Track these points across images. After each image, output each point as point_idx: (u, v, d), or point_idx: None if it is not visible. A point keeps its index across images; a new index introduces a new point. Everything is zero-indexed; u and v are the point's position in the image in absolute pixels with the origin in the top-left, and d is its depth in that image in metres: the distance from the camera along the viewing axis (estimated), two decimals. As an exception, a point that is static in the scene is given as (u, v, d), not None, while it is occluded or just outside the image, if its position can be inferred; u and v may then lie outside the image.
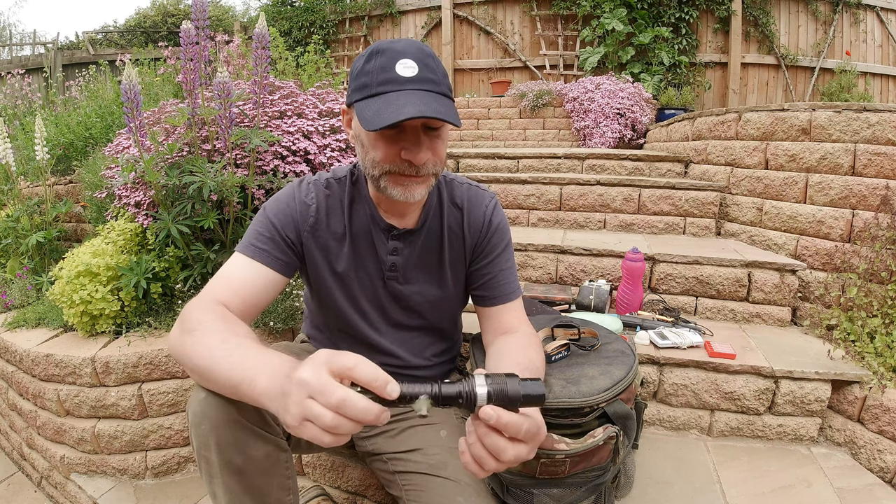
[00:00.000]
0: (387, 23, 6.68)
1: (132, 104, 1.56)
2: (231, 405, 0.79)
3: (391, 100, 0.81)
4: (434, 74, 0.85)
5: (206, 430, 0.79)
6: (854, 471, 1.39)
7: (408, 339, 1.09)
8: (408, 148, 0.85)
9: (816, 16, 5.71)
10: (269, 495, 0.86)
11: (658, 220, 2.43)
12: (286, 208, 0.98)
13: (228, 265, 0.93)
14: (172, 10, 8.78)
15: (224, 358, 0.72)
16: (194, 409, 0.80)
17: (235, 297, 0.88)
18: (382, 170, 0.88)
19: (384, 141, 0.86)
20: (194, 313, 0.81)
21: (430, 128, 0.87)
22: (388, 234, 1.01)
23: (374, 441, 1.07)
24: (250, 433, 0.81)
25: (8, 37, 9.55)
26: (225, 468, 0.81)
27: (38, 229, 2.32)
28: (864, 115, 1.91)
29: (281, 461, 0.87)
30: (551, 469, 0.95)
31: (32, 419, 1.75)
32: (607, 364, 1.07)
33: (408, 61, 0.84)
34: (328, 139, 1.99)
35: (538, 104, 4.85)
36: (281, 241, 0.96)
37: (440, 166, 0.92)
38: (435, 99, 0.83)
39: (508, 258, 1.08)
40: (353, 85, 0.89)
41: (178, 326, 0.82)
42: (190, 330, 0.78)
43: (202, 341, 0.76)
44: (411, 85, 0.83)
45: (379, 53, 0.85)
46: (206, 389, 0.80)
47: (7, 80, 4.61)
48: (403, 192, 0.89)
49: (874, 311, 1.65)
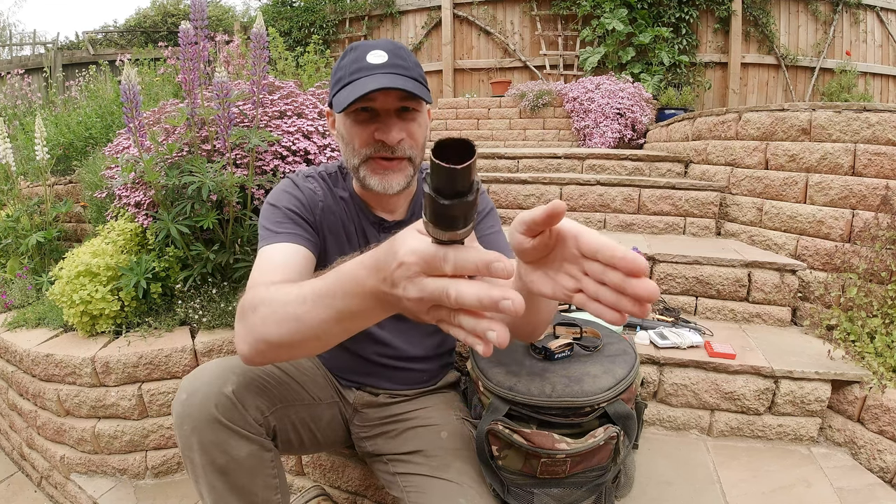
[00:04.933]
0: (387, 23, 6.68)
1: (131, 104, 1.56)
2: (211, 405, 0.80)
3: (360, 83, 0.84)
4: (404, 62, 0.87)
5: (189, 432, 0.80)
6: (854, 471, 1.39)
7: (405, 330, 1.10)
8: (380, 128, 0.87)
9: (816, 16, 5.71)
10: (256, 495, 0.87)
11: (658, 220, 2.43)
12: (295, 195, 0.97)
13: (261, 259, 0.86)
14: (172, 10, 8.77)
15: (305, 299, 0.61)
16: (177, 411, 0.81)
17: (285, 274, 0.81)
18: (360, 157, 0.90)
19: (358, 125, 0.88)
20: (250, 300, 0.70)
21: (404, 109, 0.88)
22: (378, 227, 1.03)
23: (375, 442, 1.07)
24: (232, 433, 0.82)
25: (8, 37, 9.55)
26: (209, 468, 0.82)
27: (38, 229, 2.32)
28: (864, 115, 1.91)
29: (265, 460, 0.87)
30: (552, 469, 0.95)
31: (32, 419, 1.75)
32: (610, 363, 1.07)
33: (378, 52, 0.87)
34: (328, 139, 1.99)
35: (538, 104, 4.85)
36: (303, 221, 0.95)
37: (417, 151, 0.93)
38: (403, 79, 0.85)
39: (493, 223, 1.05)
40: (331, 84, 0.92)
41: (239, 321, 0.71)
42: (252, 308, 0.68)
43: (271, 307, 0.65)
44: (380, 69, 0.85)
45: (352, 50, 0.89)
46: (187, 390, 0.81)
47: (7, 80, 4.61)
48: (381, 181, 0.90)
49: (874, 311, 1.65)
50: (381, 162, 0.90)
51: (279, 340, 0.65)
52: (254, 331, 0.66)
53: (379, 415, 1.10)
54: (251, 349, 0.67)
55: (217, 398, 0.80)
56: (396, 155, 0.90)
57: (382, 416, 1.09)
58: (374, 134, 0.88)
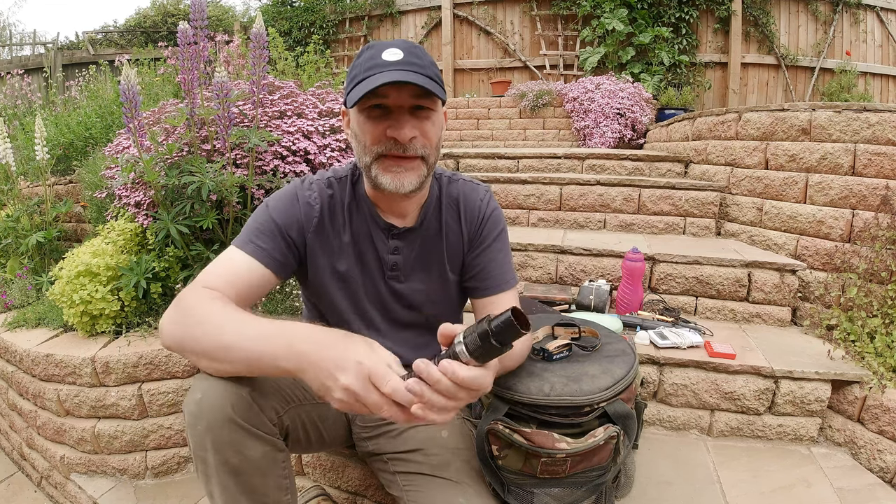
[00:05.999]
0: (387, 23, 6.68)
1: (131, 105, 1.56)
2: (227, 405, 0.79)
3: (374, 79, 0.84)
4: (420, 60, 0.87)
5: (203, 431, 0.79)
6: (854, 471, 1.39)
7: (409, 338, 1.09)
8: (393, 125, 0.87)
9: (816, 16, 5.71)
10: (267, 495, 0.86)
11: (658, 220, 2.43)
12: (290, 209, 0.97)
13: (226, 258, 0.92)
14: (172, 9, 8.78)
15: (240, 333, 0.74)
16: (190, 410, 0.80)
17: (230, 289, 0.86)
18: (372, 154, 0.89)
19: (371, 121, 0.88)
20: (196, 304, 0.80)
21: (418, 107, 0.88)
22: (388, 233, 1.01)
23: (375, 441, 1.07)
24: (247, 433, 0.81)
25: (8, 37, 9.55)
26: (221, 468, 0.81)
27: (38, 229, 2.32)
28: (864, 115, 1.91)
29: (278, 461, 0.87)
30: (552, 468, 0.95)
31: (32, 419, 1.75)
32: (608, 363, 1.07)
33: (394, 49, 0.86)
34: (328, 139, 1.99)
35: (538, 104, 4.85)
36: (282, 240, 0.95)
37: (431, 150, 0.91)
38: (416, 76, 0.84)
39: (502, 247, 1.06)
40: (347, 81, 0.91)
41: (176, 315, 0.81)
42: (198, 322, 0.78)
43: (212, 322, 0.76)
44: (395, 66, 0.85)
45: (368, 48, 0.89)
46: (202, 389, 0.80)
47: (7, 80, 4.61)
48: (393, 180, 0.89)
49: (874, 311, 1.65)
50: (394, 159, 0.89)
51: (202, 351, 0.77)
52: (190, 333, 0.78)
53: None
54: (175, 340, 0.80)
55: (233, 398, 0.80)
56: (409, 153, 0.88)
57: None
58: (387, 131, 0.87)
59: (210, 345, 0.76)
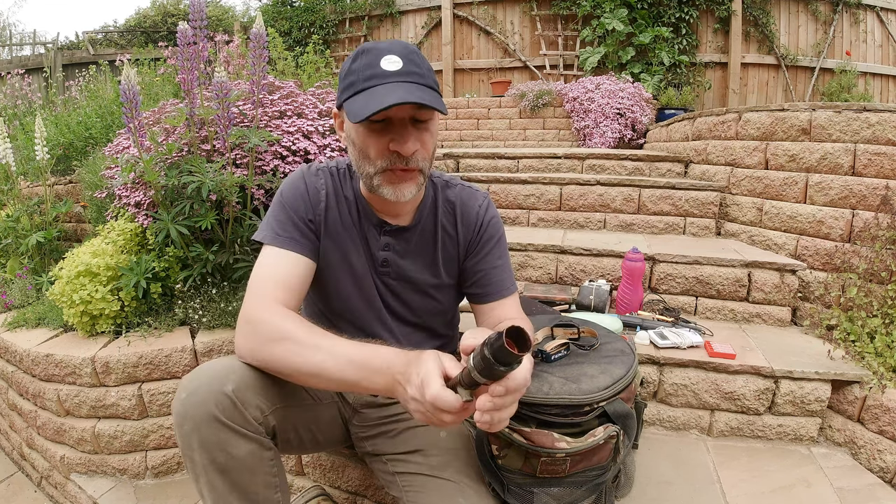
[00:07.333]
0: (387, 23, 6.68)
1: (131, 105, 1.56)
2: (211, 405, 0.80)
3: (376, 92, 0.83)
4: (419, 68, 0.87)
5: (189, 430, 0.80)
6: (854, 471, 1.39)
7: (407, 334, 1.10)
8: (395, 139, 0.87)
9: (816, 16, 5.71)
10: (256, 493, 0.87)
11: (658, 220, 2.43)
12: (299, 192, 0.99)
13: (267, 261, 0.94)
14: (172, 9, 8.78)
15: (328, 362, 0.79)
16: (177, 410, 0.82)
17: (289, 293, 0.91)
18: (377, 168, 0.89)
19: (373, 135, 0.88)
20: (271, 321, 0.84)
21: (417, 120, 0.88)
22: (379, 229, 1.03)
23: (375, 442, 1.07)
24: (232, 432, 0.82)
25: (8, 37, 9.54)
26: (209, 467, 0.82)
27: (38, 229, 2.32)
28: (864, 115, 1.91)
29: (265, 459, 0.88)
30: (552, 468, 0.95)
31: (32, 419, 1.75)
32: (607, 363, 1.07)
33: (392, 57, 0.86)
34: (328, 139, 1.99)
35: (538, 104, 4.85)
36: (303, 225, 0.97)
37: (428, 162, 0.93)
38: (419, 88, 0.84)
39: (501, 255, 1.08)
40: (341, 86, 0.91)
41: (251, 333, 0.85)
42: (278, 339, 0.82)
43: (295, 350, 0.81)
44: (396, 78, 0.84)
45: (364, 53, 0.88)
46: (188, 389, 0.82)
47: (7, 80, 4.61)
48: (394, 191, 0.90)
49: (874, 311, 1.65)
50: (398, 173, 0.90)
51: (290, 372, 0.82)
52: (273, 355, 0.83)
53: (378, 415, 1.10)
54: (258, 359, 0.85)
55: (217, 397, 0.81)
56: (410, 166, 0.89)
57: (382, 416, 1.09)
58: (390, 145, 0.87)
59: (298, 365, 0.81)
